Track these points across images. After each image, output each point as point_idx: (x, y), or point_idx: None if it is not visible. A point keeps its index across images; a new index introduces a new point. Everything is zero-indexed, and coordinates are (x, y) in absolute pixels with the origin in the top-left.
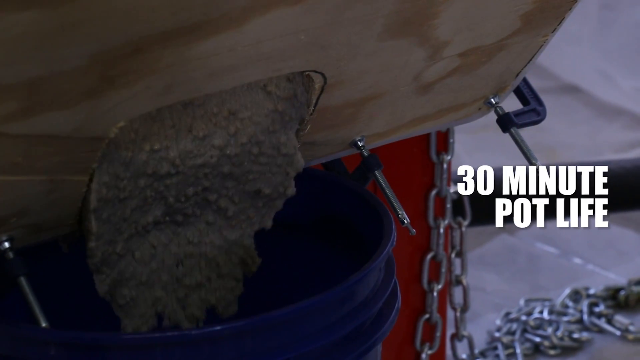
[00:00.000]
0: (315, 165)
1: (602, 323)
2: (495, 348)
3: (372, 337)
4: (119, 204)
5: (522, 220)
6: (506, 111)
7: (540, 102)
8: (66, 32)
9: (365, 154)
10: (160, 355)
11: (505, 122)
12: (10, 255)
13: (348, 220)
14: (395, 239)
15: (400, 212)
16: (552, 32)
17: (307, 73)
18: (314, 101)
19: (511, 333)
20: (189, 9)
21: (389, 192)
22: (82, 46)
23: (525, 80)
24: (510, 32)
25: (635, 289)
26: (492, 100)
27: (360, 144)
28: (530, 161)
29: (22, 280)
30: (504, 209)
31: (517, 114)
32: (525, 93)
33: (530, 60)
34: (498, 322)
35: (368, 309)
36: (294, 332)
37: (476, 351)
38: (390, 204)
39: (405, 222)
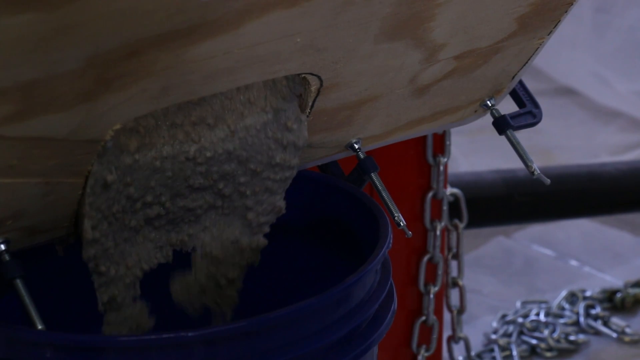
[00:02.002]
0: (312, 167)
1: (599, 325)
2: (492, 350)
3: (369, 339)
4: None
5: (519, 222)
6: (502, 113)
7: (536, 105)
8: (62, 35)
9: (362, 156)
10: (156, 358)
11: (501, 125)
12: (6, 257)
13: (344, 223)
14: (391, 241)
15: (396, 215)
16: (548, 34)
17: (303, 75)
18: (310, 104)
19: (508, 335)
20: (185, 12)
21: (385, 194)
22: (78, 49)
23: (521, 82)
24: (506, 34)
25: (632, 291)
26: (488, 102)
27: (356, 146)
28: (526, 163)
29: (18, 283)
30: (503, 209)
31: (513, 116)
32: (521, 95)
33: (527, 62)
34: (494, 324)
35: (364, 311)
36: (290, 334)
37: (472, 353)
38: (386, 206)
39: (402, 224)
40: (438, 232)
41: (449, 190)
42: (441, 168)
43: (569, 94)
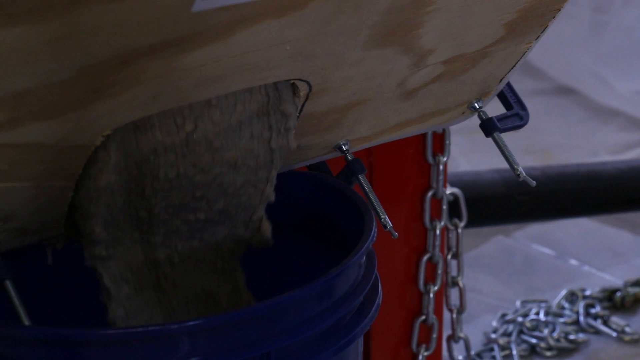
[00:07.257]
0: (300, 167)
1: (599, 324)
2: (492, 349)
3: (352, 332)
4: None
5: (518, 221)
6: (489, 116)
7: (523, 107)
8: (54, 47)
9: (350, 157)
10: (139, 350)
11: (489, 127)
12: None
13: (331, 218)
14: (375, 235)
15: (382, 217)
16: (536, 39)
17: (292, 81)
18: (299, 108)
19: (507, 334)
20: (176, 22)
21: (372, 196)
22: (69, 60)
23: (509, 84)
24: (494, 40)
25: (632, 290)
26: (476, 104)
27: (344, 147)
28: (512, 166)
29: (8, 284)
30: (502, 209)
31: (500, 118)
32: (508, 97)
33: (514, 66)
34: (494, 323)
35: (348, 303)
36: (273, 326)
37: (472, 352)
38: (372, 208)
39: (388, 227)
40: (438, 232)
41: (449, 189)
42: (441, 167)
43: (568, 93)
